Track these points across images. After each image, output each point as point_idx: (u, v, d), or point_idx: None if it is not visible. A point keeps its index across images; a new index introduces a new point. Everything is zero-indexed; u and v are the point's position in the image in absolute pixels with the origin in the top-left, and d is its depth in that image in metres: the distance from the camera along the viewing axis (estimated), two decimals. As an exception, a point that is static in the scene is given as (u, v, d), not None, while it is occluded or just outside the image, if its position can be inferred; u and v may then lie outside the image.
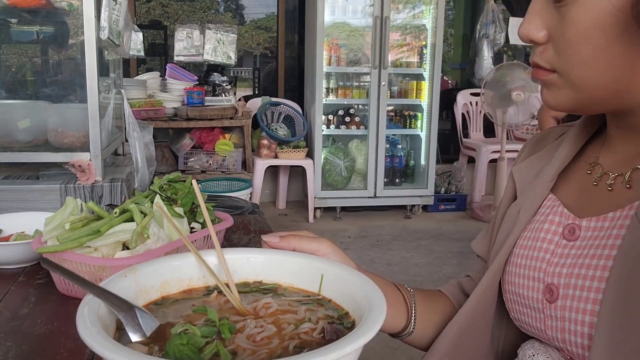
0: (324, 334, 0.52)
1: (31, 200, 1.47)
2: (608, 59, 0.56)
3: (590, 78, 0.58)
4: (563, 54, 0.59)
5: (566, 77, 0.60)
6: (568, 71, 0.59)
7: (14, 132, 1.57)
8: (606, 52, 0.55)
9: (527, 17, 0.62)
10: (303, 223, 4.31)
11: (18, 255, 0.93)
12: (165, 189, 0.96)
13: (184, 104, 3.84)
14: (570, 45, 0.58)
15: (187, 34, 4.03)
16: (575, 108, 0.62)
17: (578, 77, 0.59)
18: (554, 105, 0.63)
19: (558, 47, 0.59)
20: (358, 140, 4.61)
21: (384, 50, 4.28)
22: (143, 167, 1.77)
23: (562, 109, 0.63)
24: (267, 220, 1.29)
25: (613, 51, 0.55)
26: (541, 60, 0.62)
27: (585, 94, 0.60)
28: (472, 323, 0.71)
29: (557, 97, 0.62)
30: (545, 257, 0.65)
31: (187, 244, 0.62)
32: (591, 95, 0.59)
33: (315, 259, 0.63)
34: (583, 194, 0.67)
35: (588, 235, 0.62)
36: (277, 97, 4.94)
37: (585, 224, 0.63)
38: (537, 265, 0.66)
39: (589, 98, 0.60)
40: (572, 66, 0.58)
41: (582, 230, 0.63)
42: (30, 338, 0.70)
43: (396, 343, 0.83)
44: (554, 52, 0.60)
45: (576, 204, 0.66)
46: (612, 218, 0.60)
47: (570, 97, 0.61)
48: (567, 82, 0.60)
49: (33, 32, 1.85)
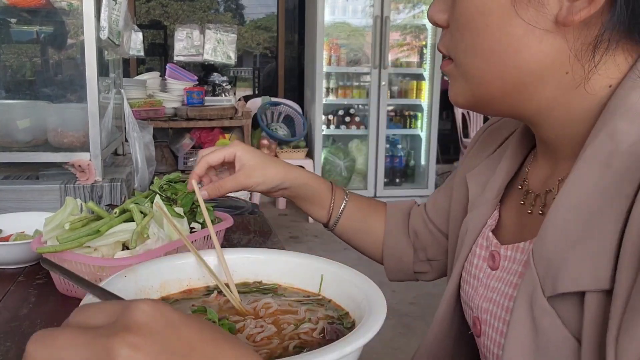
0: (324, 334, 0.51)
1: (31, 200, 1.47)
2: (491, 47, 0.52)
3: (478, 69, 0.54)
4: (455, 40, 0.56)
5: (459, 67, 0.57)
6: (460, 60, 0.56)
7: (13, 132, 1.57)
8: (487, 40, 0.52)
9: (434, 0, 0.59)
10: (303, 223, 4.31)
11: (18, 255, 0.93)
12: (165, 189, 0.96)
13: (184, 104, 3.84)
14: (459, 31, 0.55)
15: (187, 34, 4.03)
16: (473, 104, 0.58)
17: (467, 67, 0.55)
18: (453, 100, 0.60)
19: (452, 32, 0.57)
20: (358, 140, 4.62)
21: (384, 50, 4.28)
22: (143, 167, 1.77)
23: (462, 104, 0.59)
24: (267, 220, 1.29)
25: (493, 39, 0.51)
26: (442, 46, 0.59)
27: (477, 90, 0.56)
28: (441, 340, 0.70)
29: (455, 90, 0.58)
30: (475, 285, 0.63)
31: (187, 244, 0.62)
32: (482, 92, 0.56)
33: (315, 259, 0.63)
34: (515, 213, 0.63)
35: (505, 264, 0.59)
36: (277, 97, 4.94)
37: (503, 252, 0.59)
38: (471, 294, 0.64)
39: (481, 95, 0.56)
40: (461, 54, 0.55)
41: (501, 259, 0.59)
42: (30, 338, 0.70)
43: (396, 343, 0.84)
44: (450, 38, 0.57)
45: (506, 225, 0.63)
46: (522, 249, 0.57)
47: (465, 90, 0.57)
48: (460, 73, 0.57)
49: (33, 32, 1.85)
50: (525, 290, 0.50)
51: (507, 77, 0.53)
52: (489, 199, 0.65)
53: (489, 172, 0.68)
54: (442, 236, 0.82)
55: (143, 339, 0.31)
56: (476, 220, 0.66)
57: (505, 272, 0.58)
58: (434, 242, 0.83)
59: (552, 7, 0.48)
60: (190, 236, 0.87)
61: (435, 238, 0.83)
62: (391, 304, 2.66)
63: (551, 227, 0.49)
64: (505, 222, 0.64)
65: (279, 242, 1.13)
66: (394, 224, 0.88)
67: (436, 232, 0.82)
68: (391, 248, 0.87)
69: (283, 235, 3.96)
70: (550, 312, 0.47)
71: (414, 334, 2.57)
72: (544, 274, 0.48)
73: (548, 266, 0.48)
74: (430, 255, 0.84)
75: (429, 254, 0.84)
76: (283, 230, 4.13)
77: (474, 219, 0.66)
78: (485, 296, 0.60)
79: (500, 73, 0.53)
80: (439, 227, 0.82)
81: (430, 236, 0.83)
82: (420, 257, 0.85)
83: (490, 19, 0.51)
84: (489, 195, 0.65)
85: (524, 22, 0.50)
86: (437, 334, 0.69)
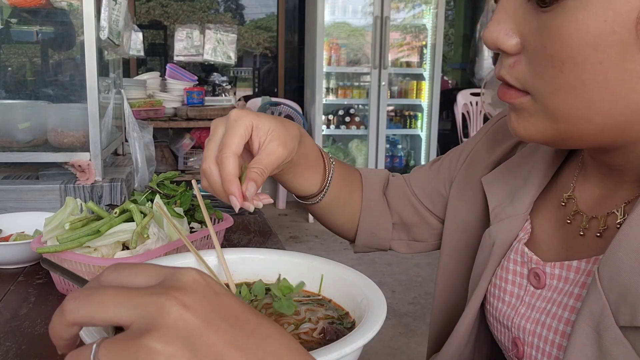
0: (324, 334, 0.51)
1: (31, 200, 1.47)
2: (600, 85, 0.44)
3: (573, 108, 0.46)
4: (541, 73, 0.47)
5: (542, 102, 0.48)
6: (545, 96, 0.47)
7: (13, 132, 1.57)
8: (598, 76, 0.44)
9: (497, 16, 0.49)
10: (303, 223, 4.31)
11: (18, 255, 0.93)
12: (163, 187, 0.97)
13: (184, 104, 3.84)
14: (551, 64, 0.45)
15: (187, 34, 4.03)
16: (551, 141, 0.51)
17: (558, 105, 0.47)
18: (524, 137, 0.52)
19: (534, 63, 0.47)
20: (358, 140, 4.61)
21: (384, 50, 4.28)
22: (143, 167, 1.77)
23: (535, 141, 0.52)
24: (267, 220, 1.29)
25: (607, 77, 0.44)
26: (510, 76, 0.49)
27: (564, 127, 0.48)
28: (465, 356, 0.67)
29: (529, 126, 0.50)
30: (512, 303, 0.59)
31: (187, 244, 0.62)
32: (571, 129, 0.48)
33: (315, 259, 0.63)
34: (555, 229, 0.58)
35: (554, 284, 0.55)
36: (277, 97, 4.95)
37: (549, 270, 0.55)
38: (506, 312, 0.60)
39: (569, 132, 0.48)
40: (551, 90, 0.47)
41: (547, 278, 0.55)
42: (30, 338, 0.70)
43: (396, 343, 0.83)
44: (528, 69, 0.48)
45: (543, 241, 0.59)
46: (577, 268, 0.53)
47: (546, 129, 0.49)
48: (542, 109, 0.48)
49: (33, 32, 1.85)
50: (590, 314, 0.47)
51: (613, 117, 0.46)
52: (520, 211, 0.60)
53: (512, 180, 0.63)
54: (434, 220, 0.78)
55: (193, 299, 0.31)
56: (506, 233, 0.61)
57: (555, 292, 0.54)
58: (422, 223, 0.78)
59: None
60: (190, 236, 0.87)
61: (425, 220, 0.78)
62: (391, 304, 2.67)
63: (623, 251, 0.45)
64: (541, 237, 0.59)
65: (279, 242, 1.13)
66: (373, 200, 0.80)
67: (427, 215, 0.78)
68: (367, 224, 0.80)
69: (283, 235, 3.96)
70: (624, 342, 0.44)
71: (413, 334, 2.57)
72: (617, 301, 0.45)
73: (624, 294, 0.44)
74: (416, 237, 0.80)
75: (415, 235, 0.79)
76: (283, 230, 4.12)
77: (503, 232, 0.61)
78: (530, 317, 0.56)
79: (606, 113, 0.46)
80: (431, 209, 0.78)
81: (416, 215, 0.78)
82: (401, 237, 0.80)
83: (607, 54, 0.43)
84: (520, 208, 0.60)
85: None
86: (459, 347, 0.66)
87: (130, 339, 0.30)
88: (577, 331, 0.47)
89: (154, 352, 0.29)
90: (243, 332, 0.32)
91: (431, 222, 0.79)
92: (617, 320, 0.45)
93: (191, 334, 0.30)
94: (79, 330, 0.34)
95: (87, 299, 0.32)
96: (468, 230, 0.71)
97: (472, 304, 0.64)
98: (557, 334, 0.52)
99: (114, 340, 0.31)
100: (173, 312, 0.30)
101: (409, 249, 0.82)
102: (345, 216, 0.80)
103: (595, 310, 0.46)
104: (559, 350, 0.52)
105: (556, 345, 0.52)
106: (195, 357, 0.30)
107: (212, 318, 0.31)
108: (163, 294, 0.31)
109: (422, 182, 0.80)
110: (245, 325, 0.33)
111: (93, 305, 0.32)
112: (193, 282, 0.33)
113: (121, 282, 0.34)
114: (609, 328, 0.45)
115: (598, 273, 0.47)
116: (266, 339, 0.33)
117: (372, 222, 0.80)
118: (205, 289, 0.33)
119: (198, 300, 0.32)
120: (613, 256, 0.46)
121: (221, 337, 0.31)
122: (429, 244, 0.80)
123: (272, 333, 0.33)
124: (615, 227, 0.52)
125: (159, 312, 0.30)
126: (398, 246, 0.82)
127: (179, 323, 0.30)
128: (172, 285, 0.32)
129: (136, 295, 0.31)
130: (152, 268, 0.35)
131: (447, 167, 0.79)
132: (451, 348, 0.67)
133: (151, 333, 0.30)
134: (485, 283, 0.63)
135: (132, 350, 0.30)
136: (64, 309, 0.32)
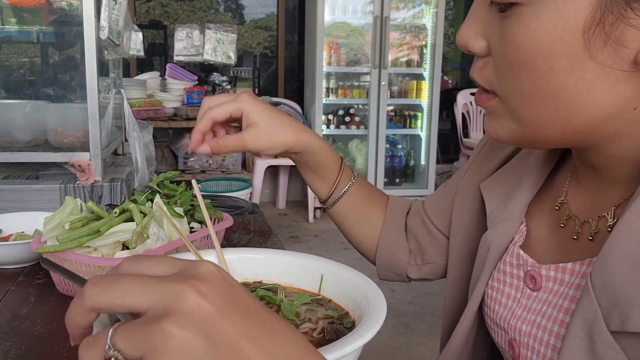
0: (323, 334, 0.51)
1: (31, 200, 1.47)
2: (554, 92, 0.46)
3: (533, 113, 0.48)
4: (503, 77, 0.49)
5: (508, 105, 0.50)
6: (509, 99, 0.49)
7: (13, 132, 1.57)
8: (551, 83, 0.45)
9: (468, 20, 0.51)
10: (303, 223, 4.31)
11: (18, 255, 0.93)
12: (163, 187, 0.97)
13: (184, 104, 3.84)
14: (510, 69, 0.47)
15: (187, 33, 4.03)
16: (519, 143, 0.53)
17: (521, 109, 0.49)
18: (495, 138, 0.53)
19: (498, 66, 0.49)
20: (358, 140, 4.62)
21: (384, 50, 4.28)
22: (143, 167, 1.77)
23: (506, 142, 0.53)
24: (267, 220, 1.29)
25: (559, 84, 0.45)
26: (480, 77, 0.52)
27: (528, 130, 0.50)
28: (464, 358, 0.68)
29: (499, 128, 0.52)
30: (509, 305, 0.60)
31: (187, 244, 0.62)
32: (536, 132, 0.49)
33: (315, 259, 0.63)
34: (550, 232, 0.59)
35: (550, 286, 0.55)
36: (277, 97, 4.94)
37: (544, 272, 0.56)
38: (503, 314, 0.61)
39: (534, 135, 0.50)
40: (513, 94, 0.48)
41: (543, 280, 0.56)
42: (30, 338, 0.70)
43: (396, 343, 0.83)
44: (493, 71, 0.50)
45: (538, 243, 0.60)
46: (571, 270, 0.53)
47: (513, 130, 0.51)
48: (509, 111, 0.50)
49: (33, 32, 1.85)
50: (582, 318, 0.47)
51: (572, 122, 0.47)
52: (515, 215, 0.61)
53: (507, 184, 0.64)
54: (442, 237, 0.81)
55: (209, 289, 0.33)
56: (502, 237, 0.62)
57: (550, 294, 0.55)
58: (432, 242, 0.81)
59: (632, 47, 0.43)
60: (190, 236, 0.87)
61: (434, 238, 0.81)
62: (391, 304, 2.67)
63: (613, 257, 0.45)
64: (536, 240, 0.60)
65: (279, 242, 1.13)
66: (394, 221, 0.85)
67: (436, 232, 0.81)
68: (386, 243, 0.84)
69: (283, 235, 3.96)
70: (615, 347, 0.45)
71: (413, 333, 2.57)
72: (608, 305, 0.45)
73: (615, 300, 0.45)
74: (428, 258, 0.82)
75: (426, 257, 0.82)
76: (283, 230, 4.13)
77: (499, 235, 0.62)
78: (526, 318, 0.57)
79: (565, 118, 0.47)
80: (438, 227, 0.81)
81: (428, 236, 0.82)
82: (417, 262, 0.83)
83: (557, 62, 0.44)
84: (514, 211, 0.62)
85: (598, 64, 0.44)
86: (457, 350, 0.67)
87: (147, 323, 0.31)
88: (570, 335, 0.48)
89: (170, 336, 0.30)
90: (255, 325, 0.33)
91: (438, 238, 0.81)
92: (608, 325, 0.45)
93: (206, 321, 0.31)
94: (95, 318, 0.34)
95: (107, 285, 0.33)
96: (470, 238, 0.71)
97: (470, 307, 0.65)
98: (552, 336, 0.53)
99: (131, 325, 0.31)
100: (190, 299, 0.31)
101: (419, 273, 0.84)
102: (366, 232, 0.85)
103: (587, 315, 0.47)
104: (553, 352, 0.53)
105: (551, 347, 0.53)
106: (209, 344, 0.31)
107: (226, 308, 0.32)
108: (181, 281, 0.32)
109: (434, 200, 0.83)
110: (258, 319, 0.34)
111: (113, 291, 0.32)
112: (209, 273, 0.34)
113: (141, 270, 0.35)
114: (601, 333, 0.46)
115: (590, 278, 0.47)
116: (278, 334, 0.34)
117: (391, 242, 0.84)
118: (221, 281, 0.34)
119: (214, 290, 0.33)
120: (604, 261, 0.46)
121: (234, 327, 0.32)
122: (438, 265, 0.82)
123: (283, 328, 0.34)
124: (606, 230, 0.52)
125: (177, 298, 0.31)
126: (410, 270, 0.84)
127: (196, 310, 0.31)
128: (189, 274, 0.33)
129: (156, 282, 0.32)
130: (170, 260, 0.36)
131: (454, 182, 0.80)
132: (450, 351, 0.67)
133: (168, 317, 0.31)
134: (482, 286, 0.64)
135: (148, 333, 0.30)
136: (83, 294, 0.33)
